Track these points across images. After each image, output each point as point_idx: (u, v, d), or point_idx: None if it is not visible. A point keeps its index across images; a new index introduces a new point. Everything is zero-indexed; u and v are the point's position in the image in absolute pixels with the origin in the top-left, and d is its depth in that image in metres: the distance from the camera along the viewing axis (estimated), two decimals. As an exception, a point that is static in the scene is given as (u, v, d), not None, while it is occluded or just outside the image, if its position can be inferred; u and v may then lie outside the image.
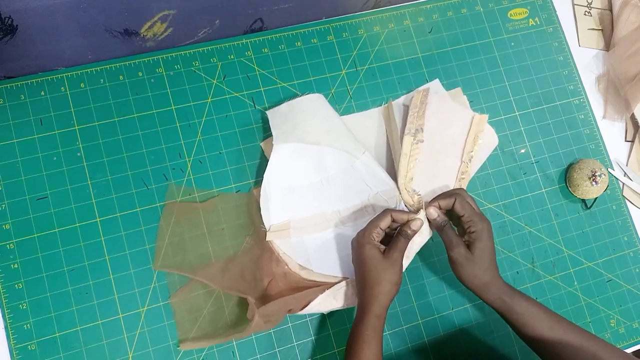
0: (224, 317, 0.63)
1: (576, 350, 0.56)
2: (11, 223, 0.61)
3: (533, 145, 0.76)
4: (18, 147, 0.63)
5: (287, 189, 0.65)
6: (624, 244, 0.75)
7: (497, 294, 0.58)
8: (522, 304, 0.58)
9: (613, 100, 0.80)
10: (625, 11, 0.80)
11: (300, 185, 0.66)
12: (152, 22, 0.62)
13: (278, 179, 0.65)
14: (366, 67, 0.74)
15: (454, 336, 0.68)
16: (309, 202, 0.66)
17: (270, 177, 0.65)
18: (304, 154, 0.65)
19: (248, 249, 0.65)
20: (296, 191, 0.66)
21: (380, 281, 0.57)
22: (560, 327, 0.58)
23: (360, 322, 0.57)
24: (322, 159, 0.65)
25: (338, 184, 0.66)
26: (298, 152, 0.65)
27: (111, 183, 0.64)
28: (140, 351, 0.61)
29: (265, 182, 0.64)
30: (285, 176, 0.65)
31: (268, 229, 0.64)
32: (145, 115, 0.67)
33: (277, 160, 0.64)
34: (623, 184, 0.78)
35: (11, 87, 0.65)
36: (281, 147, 0.64)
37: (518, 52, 0.79)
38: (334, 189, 0.66)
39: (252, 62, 0.71)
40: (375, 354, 0.56)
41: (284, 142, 0.64)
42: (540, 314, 0.58)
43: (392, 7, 0.77)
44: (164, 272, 0.63)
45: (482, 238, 0.58)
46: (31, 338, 0.59)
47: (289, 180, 0.65)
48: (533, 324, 0.58)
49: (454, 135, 0.70)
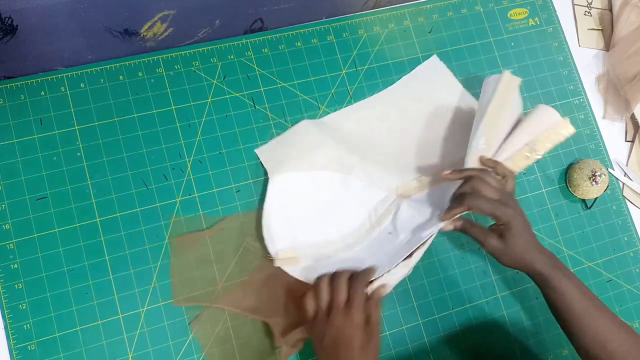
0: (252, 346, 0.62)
1: (603, 340, 0.56)
2: (11, 223, 0.61)
3: (533, 145, 0.76)
4: (18, 147, 0.63)
5: (288, 219, 0.65)
6: (624, 244, 0.75)
7: (539, 272, 0.59)
8: (562, 282, 0.58)
9: (613, 100, 0.80)
10: (625, 11, 0.80)
11: (300, 213, 0.66)
12: (152, 22, 0.62)
13: (278, 210, 0.65)
14: (366, 67, 0.74)
15: (454, 336, 0.68)
16: (312, 229, 0.66)
17: (270, 209, 0.64)
18: (299, 183, 0.66)
19: (260, 270, 0.64)
20: (297, 219, 0.65)
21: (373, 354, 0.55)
22: (596, 310, 0.57)
23: None
24: (316, 184, 0.66)
25: (337, 207, 0.67)
26: (293, 182, 0.65)
27: (111, 183, 0.64)
28: (140, 351, 0.61)
29: (266, 213, 0.64)
30: (284, 206, 0.65)
31: (275, 256, 0.63)
32: (145, 115, 0.67)
33: (274, 192, 0.65)
34: (623, 184, 0.78)
35: (11, 87, 0.65)
36: (276, 180, 0.65)
37: (518, 52, 0.79)
38: (334, 213, 0.67)
39: (252, 62, 0.71)
40: None
41: (278, 174, 0.65)
42: (578, 294, 0.58)
43: (392, 7, 0.77)
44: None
45: (512, 226, 0.58)
46: (31, 338, 0.59)
47: (289, 210, 0.65)
48: (568, 303, 0.58)
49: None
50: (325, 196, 0.67)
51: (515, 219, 0.58)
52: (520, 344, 0.69)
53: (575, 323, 0.58)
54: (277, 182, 0.65)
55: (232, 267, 0.64)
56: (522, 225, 0.59)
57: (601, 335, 0.57)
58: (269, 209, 0.64)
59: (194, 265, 0.63)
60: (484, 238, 0.59)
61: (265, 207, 0.64)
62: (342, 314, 0.54)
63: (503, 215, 0.58)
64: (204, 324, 0.62)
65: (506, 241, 0.58)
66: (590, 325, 0.57)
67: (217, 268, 0.64)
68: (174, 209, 0.65)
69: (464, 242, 0.71)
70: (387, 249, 0.63)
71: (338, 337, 0.54)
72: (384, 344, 0.66)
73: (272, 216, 0.64)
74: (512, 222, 0.58)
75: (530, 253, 0.59)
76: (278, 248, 0.63)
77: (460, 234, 0.71)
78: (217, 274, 0.64)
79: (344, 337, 0.53)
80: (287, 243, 0.64)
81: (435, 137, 0.73)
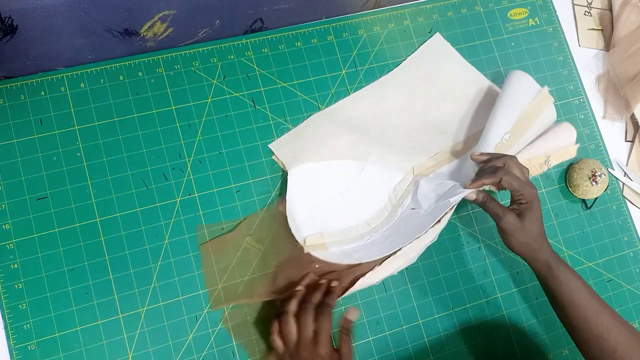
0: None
1: (606, 335, 0.57)
2: (11, 223, 0.61)
3: (533, 145, 0.76)
4: (18, 147, 0.63)
5: (310, 207, 0.66)
6: (624, 244, 0.75)
7: (545, 261, 0.59)
8: (566, 274, 0.59)
9: (613, 100, 0.80)
10: (625, 11, 0.80)
11: (322, 202, 0.67)
12: (152, 22, 0.62)
13: (300, 201, 0.66)
14: (366, 67, 0.74)
15: (454, 336, 0.68)
16: (335, 217, 0.67)
17: (293, 200, 0.65)
18: (317, 173, 0.67)
19: (288, 259, 0.65)
20: (320, 208, 0.66)
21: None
22: (599, 304, 0.58)
23: None
24: (334, 173, 0.67)
25: (357, 193, 0.68)
26: (311, 173, 0.67)
27: (111, 183, 0.64)
28: (140, 351, 0.61)
29: (289, 205, 0.65)
30: (305, 196, 0.66)
31: (303, 243, 0.64)
32: (145, 115, 0.67)
33: (294, 184, 0.66)
34: (623, 184, 0.78)
35: (11, 87, 0.65)
36: (294, 172, 0.66)
37: (518, 52, 0.79)
38: (354, 199, 0.67)
39: (252, 62, 0.71)
40: None
41: (295, 167, 0.66)
42: (580, 286, 0.59)
43: (392, 7, 0.77)
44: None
45: (533, 207, 0.59)
46: (31, 338, 0.59)
47: (311, 200, 0.66)
48: (571, 294, 0.58)
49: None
50: (344, 184, 0.68)
51: (537, 201, 0.59)
52: (520, 344, 0.69)
53: (577, 315, 0.58)
54: (295, 174, 0.66)
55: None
56: (540, 212, 0.60)
57: (603, 330, 0.57)
58: (292, 200, 0.65)
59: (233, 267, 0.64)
60: (502, 213, 0.59)
61: (287, 199, 0.65)
62: (309, 349, 0.55)
63: (529, 194, 0.59)
64: (236, 316, 0.63)
65: (524, 221, 0.59)
66: (592, 319, 0.57)
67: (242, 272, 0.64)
68: (174, 209, 0.65)
69: (464, 242, 0.71)
70: (413, 223, 0.64)
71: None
72: (384, 344, 0.66)
73: (296, 207, 0.65)
74: (535, 203, 0.59)
75: (540, 241, 0.59)
76: (305, 235, 0.64)
77: (461, 234, 0.71)
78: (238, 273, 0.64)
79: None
80: (313, 230, 0.65)
81: (447, 114, 0.73)
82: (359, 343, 0.65)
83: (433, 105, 0.73)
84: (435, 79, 0.74)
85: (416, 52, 0.75)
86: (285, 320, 0.58)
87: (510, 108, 0.68)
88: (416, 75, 0.74)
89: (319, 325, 0.56)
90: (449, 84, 0.75)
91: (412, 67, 0.74)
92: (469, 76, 0.76)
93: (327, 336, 0.56)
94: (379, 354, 0.66)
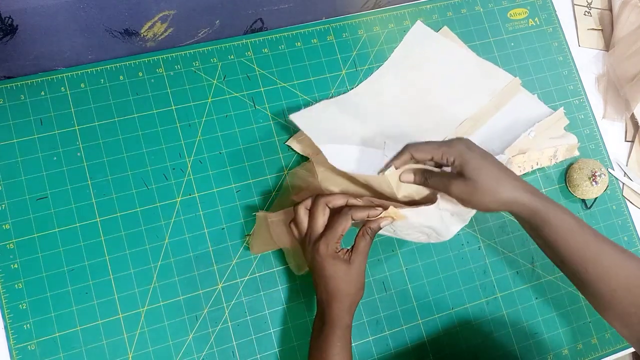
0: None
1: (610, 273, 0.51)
2: (11, 223, 0.61)
3: (533, 145, 0.76)
4: (18, 147, 0.63)
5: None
6: (624, 244, 0.75)
7: (528, 208, 0.51)
8: (556, 215, 0.51)
9: (613, 100, 0.80)
10: (625, 11, 0.80)
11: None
12: (152, 22, 0.62)
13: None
14: (366, 67, 0.74)
15: (454, 336, 0.68)
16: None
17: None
18: (350, 156, 0.63)
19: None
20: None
21: (350, 292, 0.54)
22: (597, 242, 0.51)
23: (330, 335, 0.54)
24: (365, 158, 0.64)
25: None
26: (346, 154, 0.63)
27: (111, 183, 0.64)
28: (140, 351, 0.61)
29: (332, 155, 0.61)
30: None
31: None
32: (145, 115, 0.67)
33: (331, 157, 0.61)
34: (623, 184, 0.78)
35: (11, 87, 0.65)
36: (329, 148, 0.61)
37: (518, 52, 0.79)
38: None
39: (252, 62, 0.71)
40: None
41: (329, 144, 0.61)
42: (575, 227, 0.51)
43: (392, 7, 0.77)
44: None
45: (465, 160, 0.52)
46: (31, 338, 0.59)
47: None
48: (566, 239, 0.51)
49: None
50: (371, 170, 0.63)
51: (467, 152, 0.52)
52: (520, 344, 0.69)
53: (576, 259, 0.51)
54: (329, 151, 0.61)
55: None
56: (480, 158, 0.52)
57: (606, 268, 0.51)
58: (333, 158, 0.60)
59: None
60: (447, 184, 0.53)
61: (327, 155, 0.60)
62: (312, 243, 0.54)
63: (449, 152, 0.52)
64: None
65: (470, 181, 0.51)
66: (593, 259, 0.51)
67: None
68: (174, 209, 0.65)
69: (464, 242, 0.71)
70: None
71: (311, 263, 0.55)
72: (384, 344, 0.66)
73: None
74: (465, 156, 0.52)
75: (506, 187, 0.51)
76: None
77: (461, 234, 0.71)
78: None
79: (315, 265, 0.54)
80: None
81: (445, 96, 0.74)
82: (359, 343, 0.66)
83: (430, 91, 0.74)
84: (425, 66, 0.75)
85: (401, 43, 0.75)
86: (296, 211, 0.56)
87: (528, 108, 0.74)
88: (405, 66, 0.74)
89: (330, 223, 0.53)
90: (440, 68, 0.75)
91: (400, 58, 0.75)
92: (457, 57, 0.76)
93: (334, 235, 0.53)
94: (379, 354, 0.66)
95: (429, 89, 0.74)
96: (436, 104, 0.73)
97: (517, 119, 0.74)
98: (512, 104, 0.75)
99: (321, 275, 0.54)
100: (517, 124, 0.73)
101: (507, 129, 0.73)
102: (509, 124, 0.74)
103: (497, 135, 0.73)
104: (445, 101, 0.74)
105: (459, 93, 0.74)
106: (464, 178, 0.52)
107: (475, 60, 0.76)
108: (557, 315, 0.71)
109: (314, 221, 0.55)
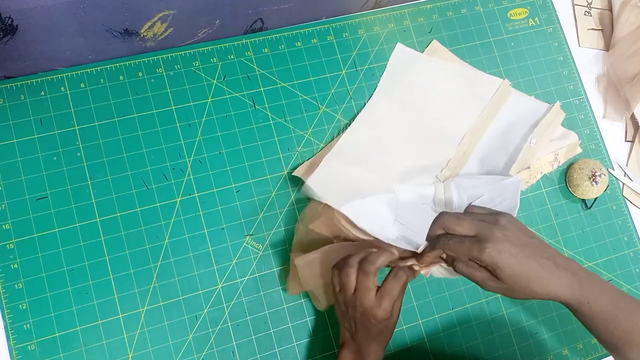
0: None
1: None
2: (11, 223, 0.61)
3: (533, 145, 0.76)
4: (18, 147, 0.63)
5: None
6: (624, 244, 0.75)
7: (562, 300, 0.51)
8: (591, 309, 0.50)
9: (613, 100, 0.80)
10: (625, 11, 0.80)
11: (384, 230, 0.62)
12: (152, 22, 0.62)
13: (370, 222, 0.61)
14: (366, 67, 0.74)
15: (454, 336, 0.68)
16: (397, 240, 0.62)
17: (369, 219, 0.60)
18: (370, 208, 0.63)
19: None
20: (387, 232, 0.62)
21: (388, 336, 0.56)
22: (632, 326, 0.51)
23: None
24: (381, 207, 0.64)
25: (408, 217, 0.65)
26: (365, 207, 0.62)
27: (111, 183, 0.64)
28: (140, 351, 0.61)
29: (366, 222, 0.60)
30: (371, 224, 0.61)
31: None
32: (145, 115, 0.67)
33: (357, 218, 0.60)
34: (623, 184, 0.78)
35: (11, 87, 0.65)
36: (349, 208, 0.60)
37: (518, 52, 0.79)
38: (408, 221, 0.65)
39: (252, 62, 0.71)
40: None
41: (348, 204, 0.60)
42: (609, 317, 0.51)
43: (392, 7, 0.77)
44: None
45: (500, 266, 0.49)
46: (31, 338, 0.59)
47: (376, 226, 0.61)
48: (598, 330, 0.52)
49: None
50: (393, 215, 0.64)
51: (500, 255, 0.49)
52: (520, 344, 0.69)
53: (610, 346, 0.53)
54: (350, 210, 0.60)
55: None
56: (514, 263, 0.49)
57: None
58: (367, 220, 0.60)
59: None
60: (480, 280, 0.51)
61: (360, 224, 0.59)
62: (351, 303, 0.55)
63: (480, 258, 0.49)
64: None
65: (503, 280, 0.49)
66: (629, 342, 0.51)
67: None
68: (174, 209, 0.65)
69: (464, 242, 0.71)
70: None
71: (341, 318, 0.58)
72: (384, 344, 0.66)
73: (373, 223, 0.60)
74: (497, 262, 0.49)
75: (542, 282, 0.49)
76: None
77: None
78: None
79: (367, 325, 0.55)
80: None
81: (441, 115, 0.73)
82: (359, 343, 0.66)
83: (424, 112, 0.72)
84: (414, 87, 0.73)
85: (386, 69, 0.74)
86: (333, 273, 0.56)
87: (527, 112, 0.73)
88: (396, 92, 0.73)
89: (357, 282, 0.53)
90: (427, 85, 0.73)
91: (389, 85, 0.73)
92: (442, 71, 0.75)
93: (366, 290, 0.53)
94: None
95: (422, 109, 0.72)
96: (432, 123, 0.72)
97: (513, 121, 0.73)
98: (506, 107, 0.74)
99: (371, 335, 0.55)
100: (515, 127, 0.73)
101: (506, 137, 0.72)
102: (507, 128, 0.73)
103: (498, 146, 0.72)
104: (441, 118, 0.72)
105: (452, 107, 0.73)
106: (498, 280, 0.50)
107: (461, 71, 0.75)
108: (557, 316, 0.71)
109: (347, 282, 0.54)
